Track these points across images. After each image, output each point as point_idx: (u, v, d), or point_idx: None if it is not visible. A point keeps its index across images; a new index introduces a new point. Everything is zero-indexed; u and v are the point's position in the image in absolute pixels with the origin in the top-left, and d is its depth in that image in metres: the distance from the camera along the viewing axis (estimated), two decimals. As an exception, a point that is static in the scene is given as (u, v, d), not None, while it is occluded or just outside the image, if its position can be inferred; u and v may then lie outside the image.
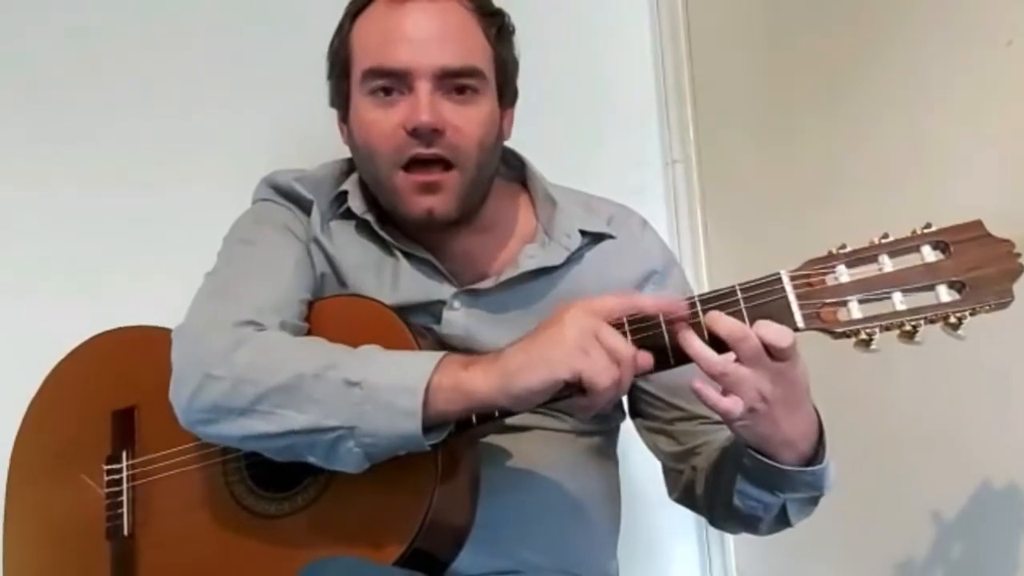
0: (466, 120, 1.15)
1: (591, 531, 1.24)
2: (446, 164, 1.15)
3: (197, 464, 1.18)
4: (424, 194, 1.15)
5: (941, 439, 1.34)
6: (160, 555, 1.19)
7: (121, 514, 1.22)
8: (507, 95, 1.23)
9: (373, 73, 1.15)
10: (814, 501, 1.11)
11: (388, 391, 1.01)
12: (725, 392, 0.98)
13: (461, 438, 1.07)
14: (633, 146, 1.92)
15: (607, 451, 1.29)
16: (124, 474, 1.23)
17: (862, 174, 1.47)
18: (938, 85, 1.32)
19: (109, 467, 1.24)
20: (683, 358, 1.00)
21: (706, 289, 1.85)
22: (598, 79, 1.90)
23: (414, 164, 1.15)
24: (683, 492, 1.24)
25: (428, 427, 1.01)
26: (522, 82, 1.26)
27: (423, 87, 1.13)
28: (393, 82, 1.14)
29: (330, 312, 1.18)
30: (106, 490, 1.23)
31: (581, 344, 0.96)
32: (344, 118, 1.23)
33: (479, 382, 1.00)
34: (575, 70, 1.78)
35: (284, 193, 1.27)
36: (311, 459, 1.06)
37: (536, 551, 1.18)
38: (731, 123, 1.83)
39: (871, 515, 1.47)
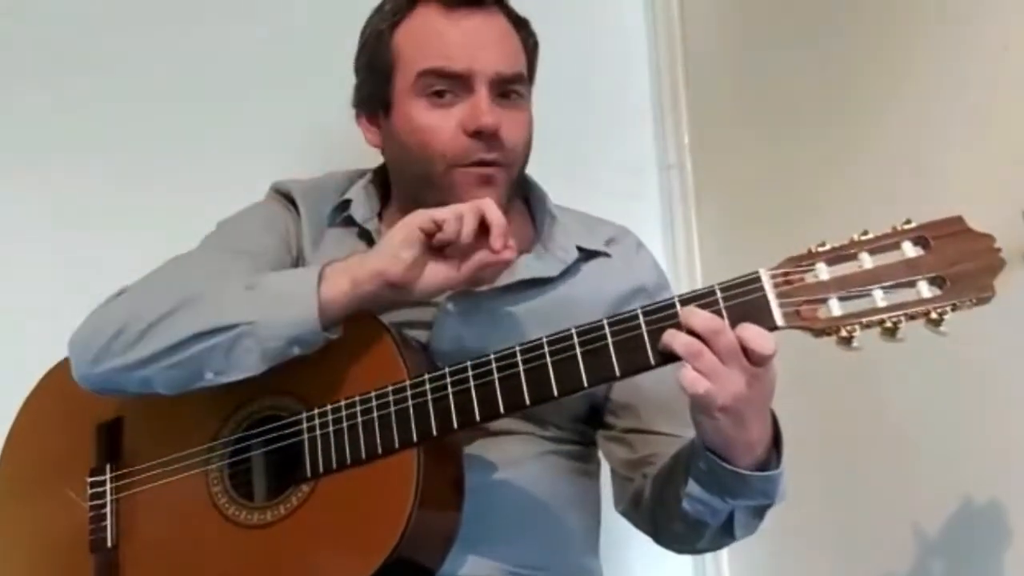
0: (515, 124, 1.22)
1: (570, 531, 1.26)
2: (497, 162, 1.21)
3: (180, 475, 1.17)
4: (482, 187, 1.19)
5: (929, 444, 1.33)
6: (144, 566, 1.18)
7: (105, 526, 1.20)
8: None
9: (431, 74, 1.19)
10: (760, 513, 1.11)
11: (282, 283, 1.10)
12: None
13: (443, 444, 1.07)
14: (628, 151, 1.92)
15: (586, 456, 1.30)
16: (108, 486, 1.22)
17: (857, 180, 1.46)
18: (934, 90, 1.32)
19: (93, 479, 1.23)
20: (662, 356, 0.99)
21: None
22: (593, 84, 1.90)
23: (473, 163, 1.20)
24: (630, 502, 1.24)
25: (325, 325, 1.07)
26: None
27: (482, 90, 1.18)
28: (450, 84, 1.19)
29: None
30: (90, 503, 1.22)
31: (415, 222, 1.07)
32: (372, 119, 1.27)
33: (364, 260, 1.09)
34: (570, 76, 1.78)
35: (284, 196, 1.33)
36: (208, 375, 1.09)
37: (515, 550, 1.19)
38: (726, 128, 1.83)
39: (861, 519, 1.46)
